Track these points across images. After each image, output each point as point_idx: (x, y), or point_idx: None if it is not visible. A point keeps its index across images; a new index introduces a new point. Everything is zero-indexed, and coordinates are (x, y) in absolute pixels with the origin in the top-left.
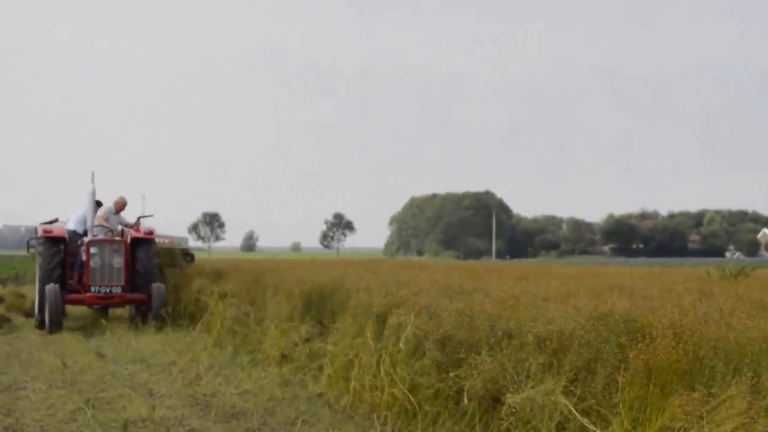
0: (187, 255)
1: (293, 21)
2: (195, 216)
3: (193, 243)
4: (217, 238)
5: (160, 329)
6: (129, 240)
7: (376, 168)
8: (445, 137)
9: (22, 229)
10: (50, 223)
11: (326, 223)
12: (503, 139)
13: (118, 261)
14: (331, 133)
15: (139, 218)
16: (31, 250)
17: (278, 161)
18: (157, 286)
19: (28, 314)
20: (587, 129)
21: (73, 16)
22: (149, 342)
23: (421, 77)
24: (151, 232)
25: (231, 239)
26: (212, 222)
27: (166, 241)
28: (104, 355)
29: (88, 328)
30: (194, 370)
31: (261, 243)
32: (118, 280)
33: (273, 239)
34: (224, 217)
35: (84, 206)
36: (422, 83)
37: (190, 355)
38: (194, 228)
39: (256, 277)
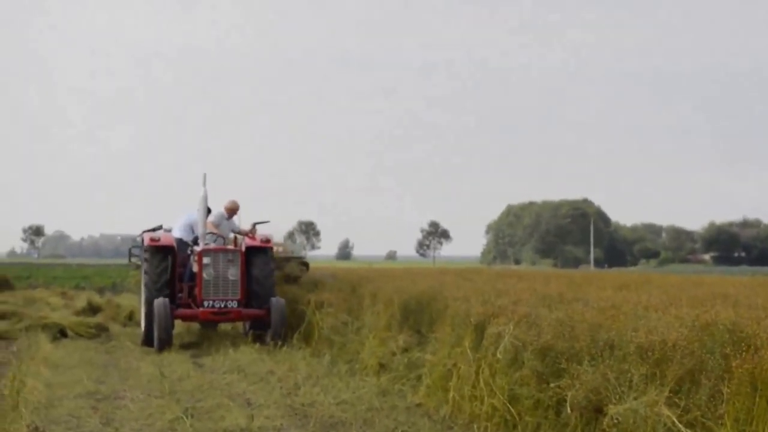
0: (302, 264)
1: (395, 25)
2: (290, 224)
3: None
4: (313, 247)
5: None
6: (244, 249)
7: (472, 175)
8: (542, 143)
9: (118, 238)
10: (154, 230)
11: (422, 231)
12: (601, 145)
13: (234, 272)
14: (427, 140)
15: (254, 224)
16: (134, 260)
17: (373, 169)
18: (276, 301)
19: (125, 324)
20: (686, 135)
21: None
22: (247, 351)
23: (517, 83)
24: (268, 240)
25: (327, 247)
26: (308, 230)
27: (281, 249)
28: (202, 364)
29: (185, 338)
30: (292, 380)
31: (356, 251)
32: (234, 293)
33: (368, 247)
34: (319, 226)
35: (189, 212)
36: (517, 89)
37: (287, 364)
38: (290, 236)
39: (353, 285)
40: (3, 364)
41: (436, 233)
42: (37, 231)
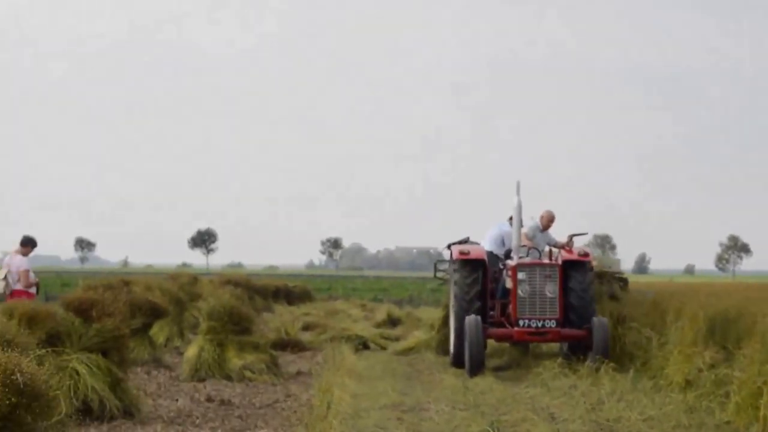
0: (621, 280)
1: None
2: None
3: None
4: None
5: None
6: (560, 263)
7: None
8: None
9: (414, 251)
10: (461, 243)
11: (720, 245)
12: None
13: (552, 289)
14: (722, 150)
15: (570, 236)
16: (440, 274)
17: (669, 179)
18: (598, 321)
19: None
20: None
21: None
22: (549, 365)
23: None
24: (586, 254)
25: (622, 262)
26: (603, 244)
27: (596, 263)
28: (504, 377)
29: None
30: (596, 395)
31: (653, 265)
32: (552, 312)
33: (665, 261)
34: (615, 239)
35: (500, 223)
36: None
37: (590, 379)
38: None
39: (655, 300)
40: (310, 375)
41: (736, 247)
42: (335, 243)
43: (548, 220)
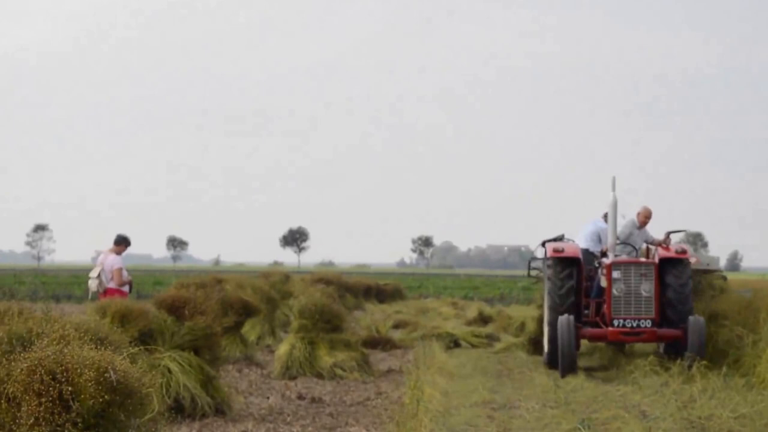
0: (721, 278)
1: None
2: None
3: None
4: None
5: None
6: (657, 261)
7: None
8: None
9: (505, 248)
10: (556, 240)
11: None
12: None
13: (647, 288)
14: None
15: (668, 233)
16: (533, 272)
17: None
18: (694, 320)
19: (516, 335)
20: None
21: None
22: (639, 363)
23: None
24: (684, 251)
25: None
26: (695, 241)
27: (694, 260)
28: (595, 375)
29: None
30: (687, 393)
31: (745, 263)
32: (647, 311)
33: (758, 259)
34: (707, 237)
35: (595, 220)
36: None
37: (682, 377)
38: None
39: (749, 299)
40: (401, 373)
41: None
42: (426, 242)
43: (645, 217)
